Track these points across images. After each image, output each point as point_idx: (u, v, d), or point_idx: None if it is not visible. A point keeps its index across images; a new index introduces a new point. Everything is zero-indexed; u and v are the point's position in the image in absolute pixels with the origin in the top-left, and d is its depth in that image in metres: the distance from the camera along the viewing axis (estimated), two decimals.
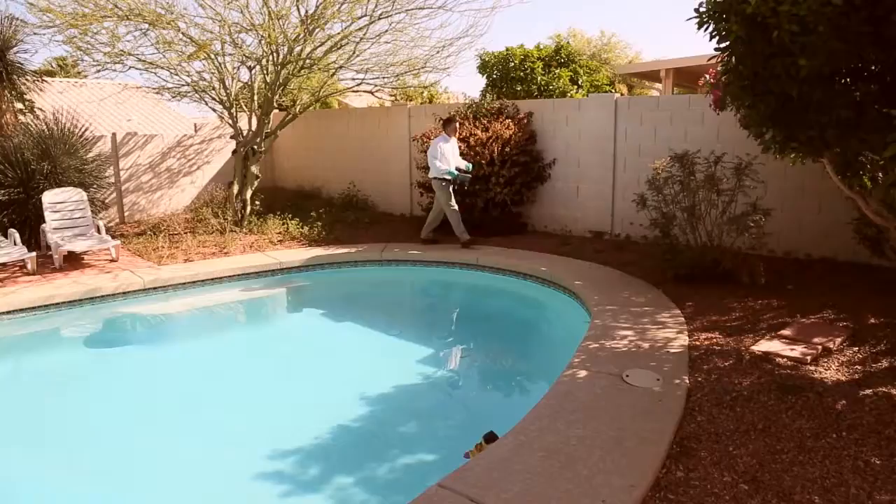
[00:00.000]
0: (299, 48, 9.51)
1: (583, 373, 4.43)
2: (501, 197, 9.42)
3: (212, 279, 7.80)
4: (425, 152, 10.06)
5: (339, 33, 9.68)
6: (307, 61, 9.80)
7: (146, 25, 8.85)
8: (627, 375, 4.35)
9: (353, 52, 10.02)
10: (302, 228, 9.94)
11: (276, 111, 11.33)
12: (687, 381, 4.25)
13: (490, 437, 3.81)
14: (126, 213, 11.34)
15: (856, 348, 4.80)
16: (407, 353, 6.09)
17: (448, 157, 8.65)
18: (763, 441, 3.50)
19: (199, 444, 4.42)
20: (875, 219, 4.44)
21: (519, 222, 10.05)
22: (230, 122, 10.37)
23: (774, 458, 3.32)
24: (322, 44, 9.70)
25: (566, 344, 5.34)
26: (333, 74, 10.68)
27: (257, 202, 10.62)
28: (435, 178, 8.73)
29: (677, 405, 3.91)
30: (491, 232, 9.55)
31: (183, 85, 10.21)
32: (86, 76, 16.75)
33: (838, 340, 4.89)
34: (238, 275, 7.97)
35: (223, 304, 7.97)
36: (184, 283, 7.60)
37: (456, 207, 8.81)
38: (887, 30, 3.51)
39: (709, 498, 2.99)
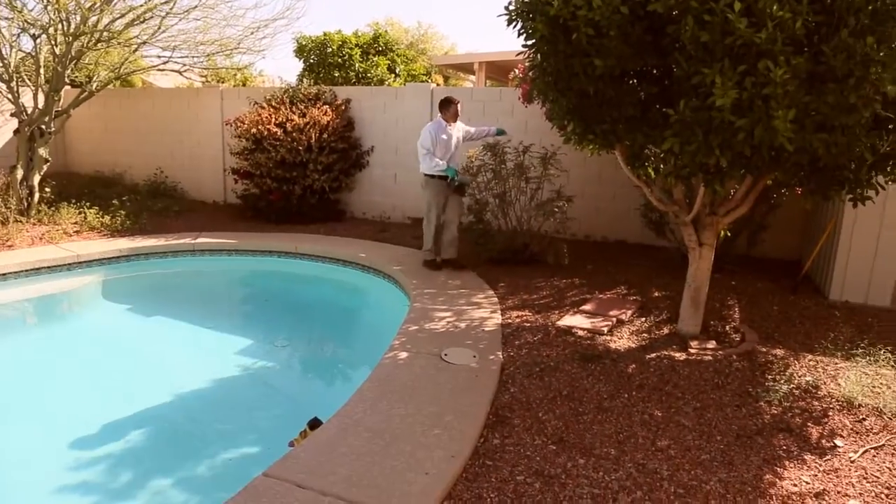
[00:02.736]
0: (95, 18, 8.61)
1: (403, 354, 4.56)
2: (320, 184, 9.33)
3: None
4: (239, 137, 9.63)
5: (141, 5, 8.91)
6: (104, 34, 8.90)
7: None
8: (446, 354, 4.55)
9: (159, 28, 9.28)
10: (102, 218, 9.09)
11: (68, 87, 10.19)
12: (501, 357, 4.55)
13: (314, 424, 3.80)
14: None
15: (643, 319, 5.43)
16: (224, 346, 5.85)
17: (450, 149, 6.86)
18: (568, 405, 3.86)
19: None
20: (657, 205, 5.03)
21: (337, 209, 10.02)
22: (10, 97, 9.14)
23: (578, 420, 3.68)
24: (122, 15, 8.87)
25: (387, 327, 5.44)
26: (136, 50, 9.83)
27: (47, 189, 9.53)
28: (425, 174, 6.90)
29: (492, 379, 4.17)
30: (309, 219, 9.43)
31: None
32: None
33: (629, 312, 5.50)
34: (27, 270, 7.09)
35: (9, 303, 7.04)
36: None
37: (433, 217, 6.96)
38: (662, 39, 3.99)
39: (522, 461, 3.24)
